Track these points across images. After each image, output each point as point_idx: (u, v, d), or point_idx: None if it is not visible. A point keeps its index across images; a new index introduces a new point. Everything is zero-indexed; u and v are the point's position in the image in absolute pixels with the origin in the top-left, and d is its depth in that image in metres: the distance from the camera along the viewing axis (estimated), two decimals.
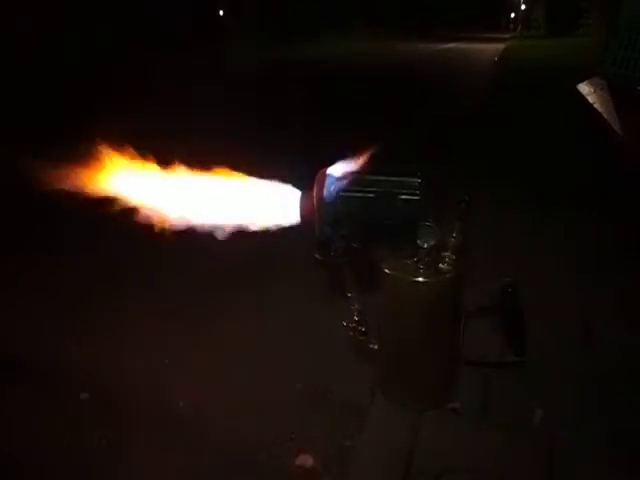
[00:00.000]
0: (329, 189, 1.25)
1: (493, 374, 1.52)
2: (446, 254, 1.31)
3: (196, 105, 6.49)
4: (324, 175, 1.26)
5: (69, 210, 1.42)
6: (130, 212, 1.33)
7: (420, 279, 1.28)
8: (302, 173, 1.33)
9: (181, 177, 1.33)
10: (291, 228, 1.33)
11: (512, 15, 35.61)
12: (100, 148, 1.30)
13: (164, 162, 1.34)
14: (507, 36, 24.66)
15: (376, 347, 1.45)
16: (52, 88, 7.89)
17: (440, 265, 1.30)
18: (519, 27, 30.75)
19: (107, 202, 1.33)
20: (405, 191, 1.24)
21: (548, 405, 1.38)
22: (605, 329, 1.71)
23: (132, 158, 1.33)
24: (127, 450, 1.44)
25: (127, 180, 1.34)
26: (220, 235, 1.30)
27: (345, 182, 1.26)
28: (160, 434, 1.49)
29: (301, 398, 1.62)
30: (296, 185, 1.33)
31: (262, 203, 1.33)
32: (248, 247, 1.90)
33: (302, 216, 1.30)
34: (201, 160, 1.34)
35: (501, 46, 16.36)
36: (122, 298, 2.17)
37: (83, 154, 1.31)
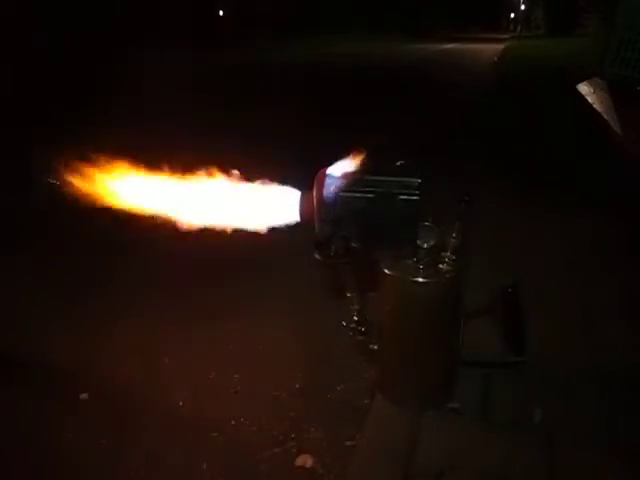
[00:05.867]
0: (329, 189, 1.25)
1: (493, 374, 1.52)
2: (446, 254, 1.31)
3: (196, 105, 6.50)
4: (324, 175, 1.26)
5: (68, 210, 1.42)
6: (131, 213, 1.33)
7: (420, 279, 1.28)
8: (302, 173, 1.33)
9: (181, 178, 1.33)
10: (291, 228, 1.33)
11: (512, 15, 35.62)
12: (99, 148, 1.30)
13: (163, 163, 1.34)
14: (507, 36, 24.66)
15: (376, 347, 1.45)
16: (51, 85, 7.88)
17: (440, 265, 1.30)
18: (519, 27, 30.75)
19: (107, 203, 1.33)
20: (405, 191, 1.24)
21: (548, 405, 1.38)
22: (605, 329, 1.71)
23: (132, 159, 1.33)
24: (127, 450, 1.44)
25: (127, 181, 1.34)
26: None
27: (345, 182, 1.26)
28: (160, 434, 1.49)
29: (301, 398, 1.62)
30: (296, 185, 1.33)
31: (262, 203, 1.33)
32: (248, 247, 1.90)
33: (302, 216, 1.30)
34: (201, 160, 1.34)
35: (501, 46, 16.36)
36: (121, 298, 2.17)
37: (84, 155, 1.31)
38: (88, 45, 11.98)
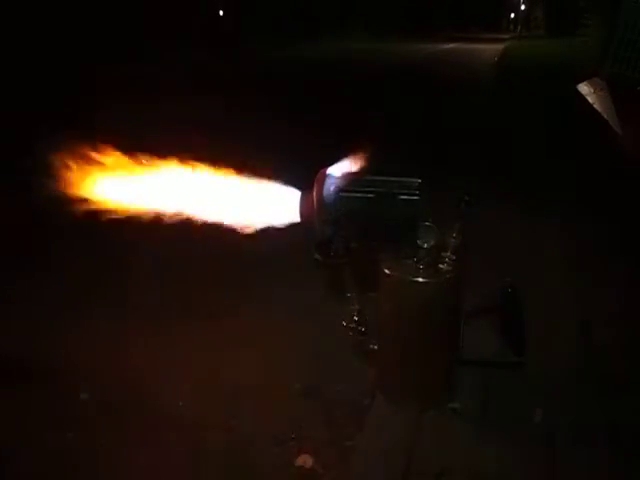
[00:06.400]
0: (329, 189, 1.25)
1: (493, 374, 1.52)
2: (446, 254, 1.31)
3: (196, 106, 6.49)
4: (324, 175, 1.26)
5: (68, 211, 1.43)
6: (131, 213, 1.33)
7: (420, 279, 1.28)
8: (302, 173, 1.33)
9: (181, 178, 1.33)
10: (291, 228, 1.33)
11: (512, 15, 35.59)
12: (100, 149, 1.30)
13: (165, 162, 1.34)
14: (507, 36, 24.64)
15: (376, 347, 1.45)
16: (51, 86, 7.88)
17: (440, 265, 1.30)
18: (519, 27, 30.71)
19: (106, 202, 1.33)
20: (405, 191, 1.24)
21: (548, 405, 1.38)
22: (605, 329, 1.71)
23: (133, 160, 1.33)
24: (127, 450, 1.44)
25: (126, 181, 1.34)
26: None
27: (345, 182, 1.26)
28: (160, 434, 1.49)
29: (301, 398, 1.62)
30: (296, 185, 1.33)
31: (262, 203, 1.33)
32: (248, 247, 1.90)
33: (302, 216, 1.30)
34: (201, 161, 1.34)
35: (501, 46, 16.36)
36: (122, 298, 2.17)
37: (85, 156, 1.31)
38: (87, 45, 11.97)
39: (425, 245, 1.26)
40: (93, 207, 1.31)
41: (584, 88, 5.03)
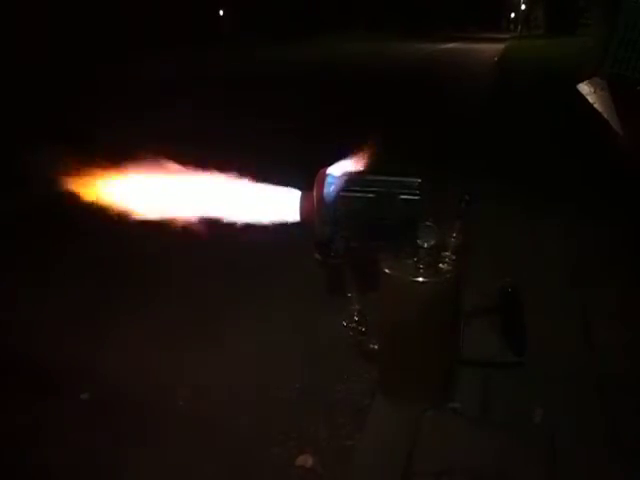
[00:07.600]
0: (329, 189, 1.25)
1: (493, 374, 1.52)
2: (446, 254, 1.31)
3: (196, 106, 6.49)
4: (324, 175, 1.26)
5: (67, 211, 1.43)
6: (129, 213, 1.33)
7: (420, 279, 1.28)
8: (302, 173, 1.33)
9: (182, 178, 1.33)
10: (291, 228, 1.33)
11: (512, 15, 35.58)
12: (98, 148, 1.30)
13: (163, 163, 1.34)
14: (507, 36, 24.61)
15: (376, 347, 1.45)
16: (51, 88, 7.88)
17: (440, 265, 1.30)
18: (519, 27, 30.69)
19: (106, 202, 1.33)
20: (405, 191, 1.24)
21: (548, 405, 1.38)
22: (605, 329, 1.71)
23: (131, 159, 1.33)
24: (127, 450, 1.44)
25: (127, 181, 1.34)
26: None
27: (345, 182, 1.26)
28: (160, 434, 1.49)
29: (301, 398, 1.62)
30: (296, 185, 1.33)
31: (262, 203, 1.33)
32: (248, 247, 1.90)
33: (302, 216, 1.30)
34: (201, 161, 1.34)
35: (501, 46, 16.35)
36: (122, 298, 2.17)
37: (83, 154, 1.31)
38: (88, 45, 11.97)
39: (425, 245, 1.26)
40: (91, 207, 1.31)
41: (584, 88, 5.03)
